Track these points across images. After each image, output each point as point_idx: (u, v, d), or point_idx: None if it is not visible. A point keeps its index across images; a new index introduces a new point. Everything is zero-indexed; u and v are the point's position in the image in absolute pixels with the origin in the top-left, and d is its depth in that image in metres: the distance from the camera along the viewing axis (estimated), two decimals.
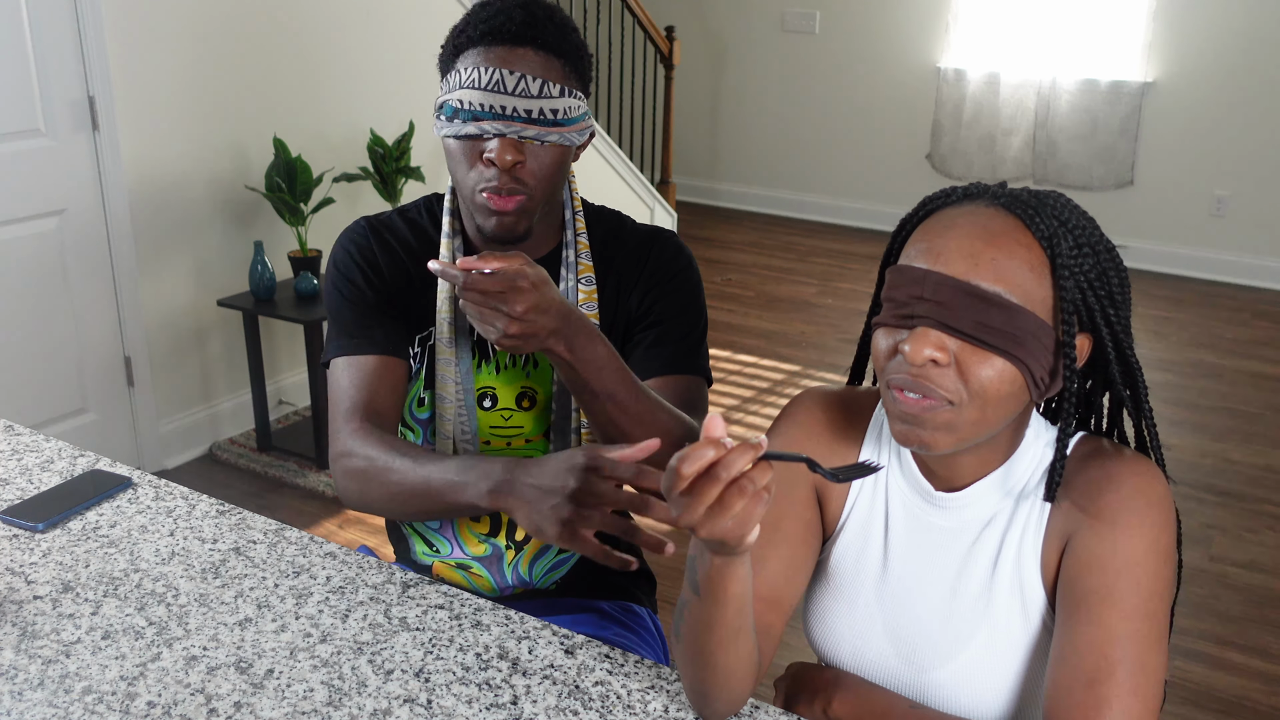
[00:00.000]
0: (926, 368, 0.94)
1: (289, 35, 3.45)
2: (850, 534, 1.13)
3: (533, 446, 1.43)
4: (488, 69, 1.25)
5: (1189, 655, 2.55)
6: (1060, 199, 0.99)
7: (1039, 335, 0.94)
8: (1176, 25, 5.32)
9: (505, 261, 1.12)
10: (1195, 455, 3.61)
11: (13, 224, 2.86)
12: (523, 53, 1.26)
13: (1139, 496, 0.98)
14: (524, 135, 1.25)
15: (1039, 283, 0.94)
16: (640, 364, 1.37)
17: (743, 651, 0.99)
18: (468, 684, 1.12)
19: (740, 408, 3.92)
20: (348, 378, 1.35)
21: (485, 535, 1.48)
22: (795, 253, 5.90)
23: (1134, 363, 1.02)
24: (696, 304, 1.42)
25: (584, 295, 1.39)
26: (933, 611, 1.08)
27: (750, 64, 6.51)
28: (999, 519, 1.05)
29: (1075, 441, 1.05)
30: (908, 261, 0.98)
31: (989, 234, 0.95)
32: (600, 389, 1.21)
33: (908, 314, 0.95)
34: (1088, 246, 0.97)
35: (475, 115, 1.25)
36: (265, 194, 3.25)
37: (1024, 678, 1.05)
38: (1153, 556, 0.96)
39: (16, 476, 1.51)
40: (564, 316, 1.17)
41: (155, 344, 3.26)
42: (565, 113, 1.27)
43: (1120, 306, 1.00)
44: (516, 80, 1.24)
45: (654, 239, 1.43)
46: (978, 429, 0.96)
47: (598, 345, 1.21)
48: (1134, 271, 5.62)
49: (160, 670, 1.13)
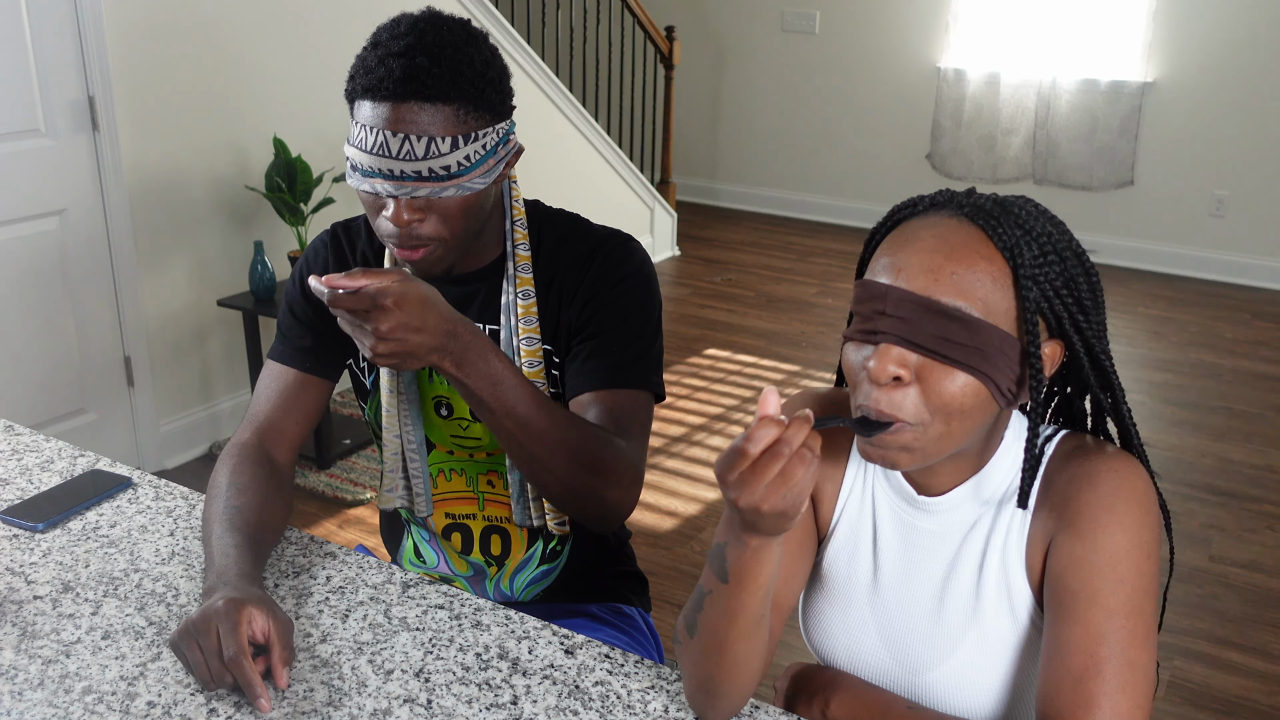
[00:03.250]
0: (889, 390, 0.94)
1: (289, 35, 3.45)
2: (841, 537, 1.13)
3: (494, 460, 1.42)
4: (373, 130, 1.19)
5: (1189, 655, 2.55)
6: (1027, 205, 0.98)
7: (1003, 347, 0.93)
8: (1176, 25, 5.32)
9: (374, 278, 1.11)
10: (1195, 455, 3.61)
11: (13, 224, 2.86)
12: (406, 109, 1.18)
13: (1118, 493, 0.97)
14: (417, 194, 1.20)
15: (1002, 294, 0.94)
16: (575, 378, 1.33)
17: (759, 643, 1.00)
18: (468, 684, 1.12)
19: (740, 408, 3.92)
20: (267, 383, 1.42)
21: (460, 553, 1.48)
22: (795, 253, 5.90)
23: (1108, 366, 1.02)
24: (642, 313, 1.35)
25: (523, 309, 1.35)
26: (923, 614, 1.08)
27: (750, 64, 6.51)
28: (983, 521, 1.05)
29: (1058, 439, 1.05)
30: (872, 276, 0.98)
31: (950, 247, 0.94)
32: (498, 406, 1.19)
33: (871, 329, 0.95)
34: (1054, 253, 0.96)
35: (368, 174, 1.22)
36: (265, 194, 3.25)
37: (1016, 678, 1.05)
38: (1135, 552, 0.96)
39: (16, 476, 1.52)
40: (448, 334, 1.15)
41: (155, 344, 3.26)
42: (460, 164, 1.21)
43: (1090, 311, 0.99)
44: (400, 143, 1.18)
45: (601, 245, 1.37)
46: (942, 445, 0.96)
47: (490, 361, 1.19)
48: (1134, 271, 5.63)
49: (160, 670, 1.13)
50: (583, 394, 1.32)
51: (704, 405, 3.92)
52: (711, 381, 4.14)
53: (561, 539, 1.46)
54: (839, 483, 1.13)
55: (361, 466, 3.34)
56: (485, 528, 1.46)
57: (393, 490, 1.44)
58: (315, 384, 1.41)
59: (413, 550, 1.53)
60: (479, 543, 1.46)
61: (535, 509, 1.40)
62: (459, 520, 1.46)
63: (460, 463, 1.43)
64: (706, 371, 4.23)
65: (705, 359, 4.36)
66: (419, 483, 1.42)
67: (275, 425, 1.38)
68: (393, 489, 1.44)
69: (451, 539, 1.47)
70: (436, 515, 1.46)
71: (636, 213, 5.43)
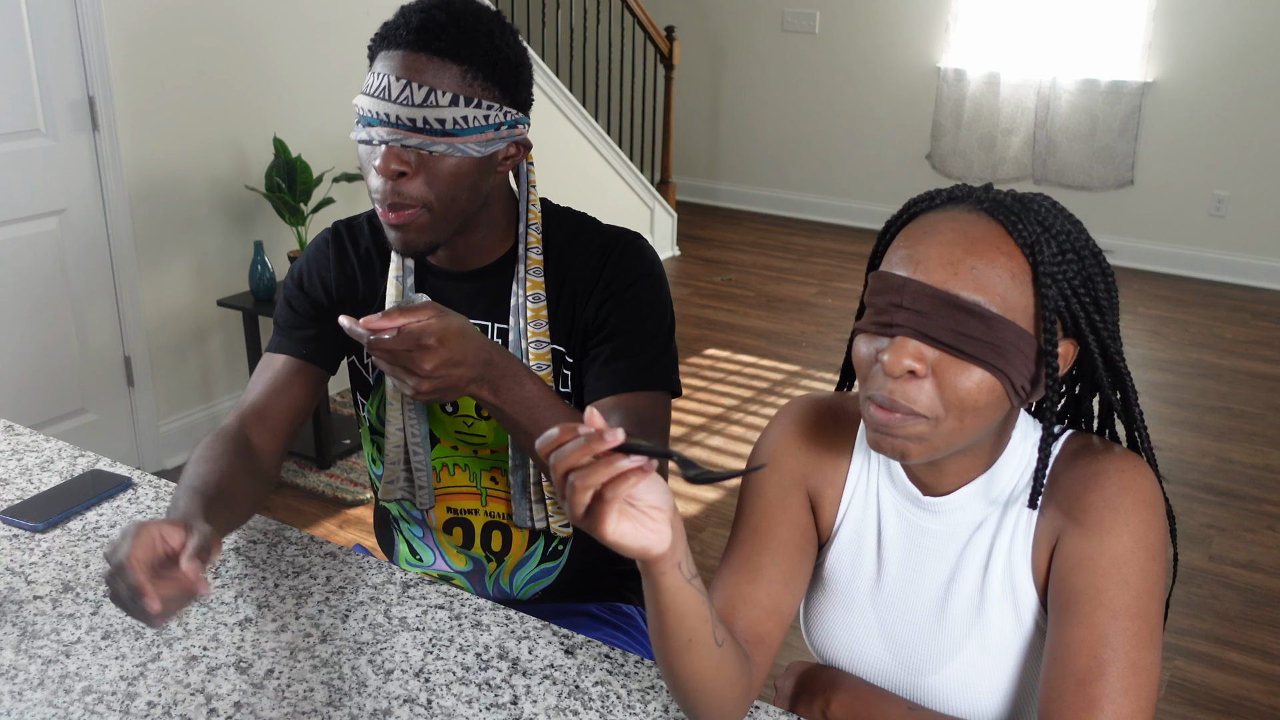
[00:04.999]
0: (904, 382, 0.92)
1: (289, 35, 3.45)
2: (844, 540, 1.12)
3: (497, 457, 1.42)
4: (380, 76, 1.21)
5: (1189, 655, 2.55)
6: (1045, 202, 0.97)
7: (1020, 344, 0.92)
8: (1176, 25, 5.32)
9: (412, 317, 1.09)
10: (1195, 455, 3.61)
11: (13, 224, 2.86)
12: (414, 58, 1.20)
13: (1125, 494, 0.97)
14: (406, 144, 1.20)
15: (1020, 290, 0.93)
16: (595, 381, 1.33)
17: (703, 665, 0.97)
18: (468, 684, 1.12)
19: (740, 408, 3.92)
20: (258, 376, 1.41)
21: (460, 547, 1.48)
22: (795, 253, 5.90)
23: (1122, 368, 1.01)
24: (658, 312, 1.36)
25: (532, 312, 1.34)
26: (926, 615, 1.07)
27: (750, 64, 6.51)
28: (989, 521, 1.04)
29: (1064, 439, 1.04)
30: (889, 268, 0.97)
31: (969, 241, 0.93)
32: (533, 428, 1.19)
33: (887, 322, 0.94)
34: (1072, 252, 0.95)
35: (368, 122, 1.23)
36: (265, 194, 3.25)
37: (1020, 680, 1.05)
38: (1141, 554, 0.95)
39: (16, 476, 1.51)
40: (485, 363, 1.15)
41: (155, 344, 3.26)
42: (457, 122, 1.20)
43: (1106, 311, 0.99)
44: (402, 88, 1.19)
45: (612, 244, 1.37)
46: (953, 439, 0.95)
47: (526, 386, 1.19)
48: (1134, 271, 5.62)
49: (160, 670, 1.13)
50: (604, 397, 1.32)
51: (704, 405, 3.92)
52: (711, 381, 4.14)
53: (563, 539, 1.47)
54: (840, 487, 1.12)
55: (361, 467, 3.34)
56: (487, 523, 1.46)
57: (393, 482, 1.44)
58: (310, 372, 1.40)
59: (407, 550, 1.53)
60: (480, 538, 1.46)
61: (537, 511, 1.40)
62: (461, 515, 1.46)
63: (464, 458, 1.43)
64: (706, 371, 4.23)
65: (705, 359, 4.36)
66: (421, 475, 1.42)
67: (258, 409, 1.37)
68: (393, 481, 1.44)
69: (452, 533, 1.47)
70: (438, 509, 1.46)
71: (636, 213, 5.43)
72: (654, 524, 0.85)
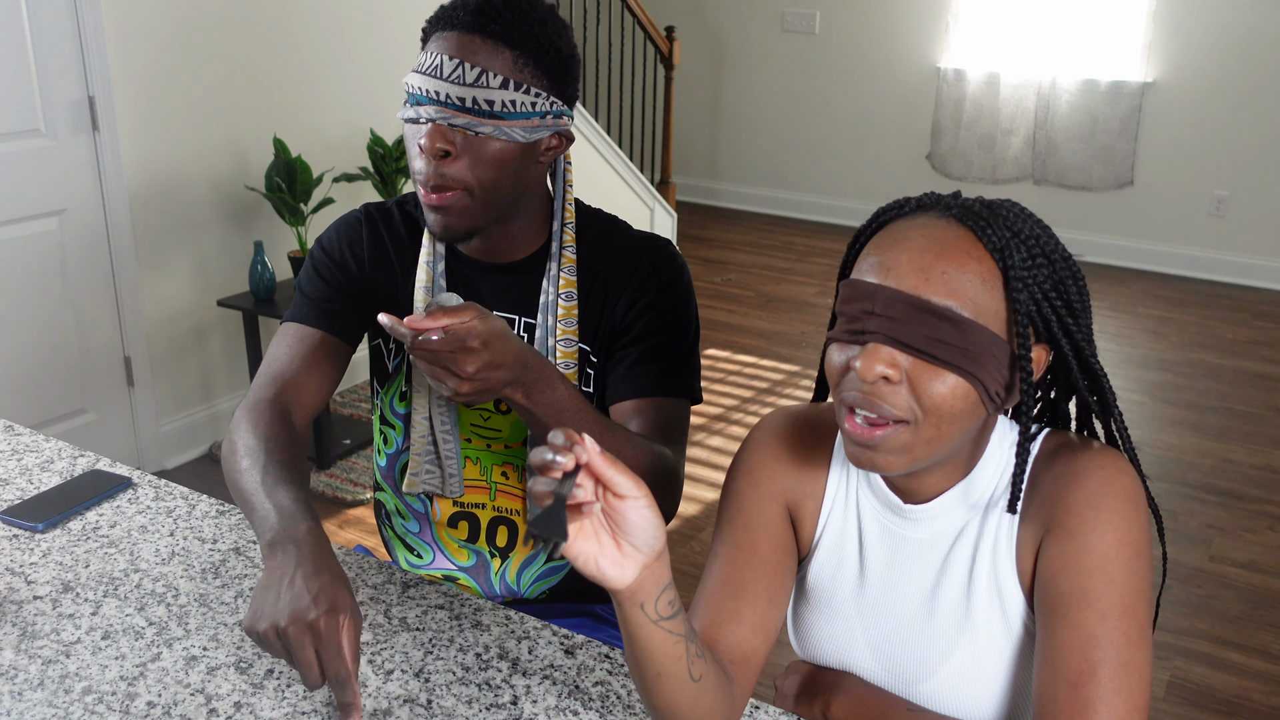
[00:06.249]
0: (878, 385, 0.92)
1: (289, 35, 3.45)
2: (825, 551, 1.12)
3: (510, 452, 1.42)
4: (433, 54, 1.23)
5: (1189, 655, 2.55)
6: (1014, 209, 0.97)
7: (993, 349, 0.92)
8: (1176, 25, 5.32)
9: (456, 317, 1.09)
10: (1195, 455, 3.61)
11: (13, 224, 2.86)
12: (468, 39, 1.22)
13: (1106, 492, 0.96)
14: (454, 123, 1.22)
15: (992, 295, 0.93)
16: (621, 383, 1.34)
17: (678, 698, 0.95)
18: (468, 684, 1.12)
19: (740, 408, 3.92)
20: (286, 344, 1.35)
21: (464, 541, 1.48)
22: (795, 253, 5.90)
23: (1098, 369, 1.01)
24: (685, 317, 1.38)
25: (564, 310, 1.35)
26: (913, 623, 1.07)
27: (750, 64, 6.51)
28: (970, 527, 1.04)
29: (1041, 438, 1.04)
30: (859, 275, 0.96)
31: (940, 247, 0.93)
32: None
33: (859, 329, 0.94)
34: (1042, 256, 0.95)
35: (417, 100, 1.24)
36: (265, 194, 3.25)
37: (1012, 684, 1.04)
38: (1125, 551, 0.95)
39: (16, 476, 1.52)
40: (521, 366, 1.15)
41: (155, 344, 3.26)
42: (505, 105, 1.22)
43: (1079, 315, 0.98)
44: (454, 66, 1.21)
45: (645, 248, 1.39)
46: (932, 447, 0.94)
47: (558, 389, 1.19)
48: (1134, 271, 5.63)
49: (160, 670, 1.13)
50: (627, 400, 1.33)
51: (704, 405, 3.92)
52: (711, 382, 4.14)
53: None
54: (820, 499, 1.11)
55: (361, 466, 3.34)
56: (493, 518, 1.46)
57: (418, 474, 1.43)
58: (337, 347, 1.37)
59: (405, 549, 1.53)
60: (485, 533, 1.46)
61: None
62: (467, 509, 1.46)
63: (477, 451, 1.43)
64: (706, 372, 4.23)
65: (705, 359, 4.36)
66: (451, 464, 1.42)
67: (295, 383, 1.32)
68: (418, 472, 1.43)
69: (457, 527, 1.47)
70: (444, 503, 1.46)
71: (636, 213, 5.43)
72: (620, 559, 0.84)
